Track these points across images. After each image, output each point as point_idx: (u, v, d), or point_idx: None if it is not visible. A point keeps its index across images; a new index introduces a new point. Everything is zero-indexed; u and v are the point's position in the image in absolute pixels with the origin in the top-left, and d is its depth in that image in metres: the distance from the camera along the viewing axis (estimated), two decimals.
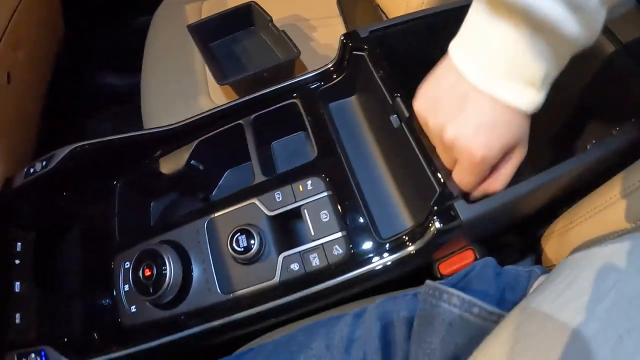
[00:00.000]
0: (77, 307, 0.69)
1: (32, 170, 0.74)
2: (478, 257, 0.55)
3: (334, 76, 0.71)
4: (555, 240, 0.61)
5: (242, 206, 0.62)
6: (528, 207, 0.59)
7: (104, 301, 0.66)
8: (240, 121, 0.70)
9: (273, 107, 0.70)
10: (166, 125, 0.73)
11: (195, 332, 0.58)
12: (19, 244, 0.72)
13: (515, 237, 0.74)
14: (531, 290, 0.47)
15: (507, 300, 0.46)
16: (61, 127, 1.22)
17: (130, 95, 1.25)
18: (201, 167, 0.71)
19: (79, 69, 1.49)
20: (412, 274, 0.57)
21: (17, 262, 0.70)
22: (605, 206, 0.50)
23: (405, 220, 0.60)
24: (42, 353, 0.62)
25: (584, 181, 0.57)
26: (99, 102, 1.58)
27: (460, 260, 0.56)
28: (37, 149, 1.02)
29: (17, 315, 0.66)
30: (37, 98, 1.13)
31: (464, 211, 0.48)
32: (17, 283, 0.68)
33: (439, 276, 0.56)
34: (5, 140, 0.86)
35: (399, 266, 0.53)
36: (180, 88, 0.95)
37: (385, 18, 1.06)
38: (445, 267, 0.56)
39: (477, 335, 0.41)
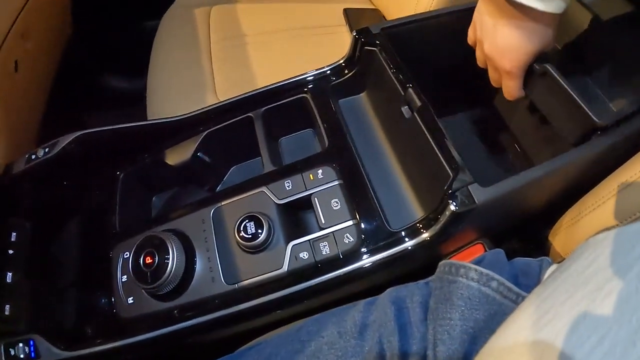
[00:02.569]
0: (71, 298, 0.68)
1: (33, 156, 0.74)
2: (487, 250, 0.56)
3: (345, 72, 0.73)
4: (563, 234, 0.62)
5: (250, 194, 0.63)
6: (539, 196, 0.61)
7: (100, 292, 0.65)
8: (250, 114, 0.71)
9: (283, 101, 0.72)
10: (174, 116, 0.74)
11: (196, 323, 0.58)
12: (14, 233, 0.71)
13: (522, 243, 0.74)
14: (545, 276, 0.48)
15: (521, 284, 0.47)
16: (63, 121, 1.24)
17: (135, 97, 1.26)
18: (208, 160, 0.72)
19: (85, 67, 1.52)
20: (421, 271, 0.57)
21: (10, 252, 0.69)
22: (614, 194, 0.52)
23: (415, 212, 0.61)
24: (31, 342, 0.61)
25: (592, 172, 0.58)
26: (103, 101, 1.60)
27: (470, 254, 0.57)
28: (39, 140, 1.03)
29: (7, 307, 0.65)
30: (42, 90, 1.17)
31: (479, 194, 0.49)
32: (10, 274, 0.67)
33: None
34: (9, 128, 0.88)
35: (412, 255, 0.54)
36: (187, 90, 0.96)
37: None
38: None
39: (497, 313, 0.42)
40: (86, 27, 1.45)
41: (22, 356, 0.60)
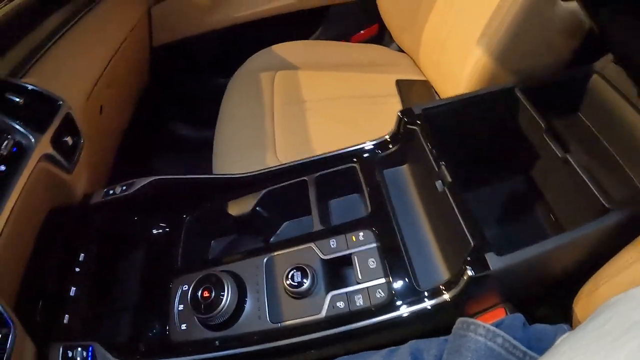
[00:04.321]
0: (128, 316, 0.80)
1: (111, 191, 0.90)
2: (508, 314, 0.64)
3: (390, 146, 0.85)
4: (584, 301, 0.67)
5: (300, 248, 0.74)
6: (555, 267, 0.69)
7: (156, 315, 0.77)
8: (305, 177, 0.83)
9: (335, 169, 0.84)
10: (239, 174, 0.87)
11: (239, 353, 0.68)
12: (83, 254, 0.84)
13: (547, 309, 0.82)
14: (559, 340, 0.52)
15: (533, 347, 0.54)
16: (134, 160, 1.39)
17: (200, 145, 1.40)
18: (265, 214, 0.84)
19: (158, 113, 1.69)
20: (446, 329, 0.64)
21: (77, 270, 0.82)
22: (631, 262, 0.58)
23: (442, 274, 0.70)
24: (90, 348, 0.71)
25: (607, 245, 0.65)
26: (171, 145, 1.78)
27: (492, 317, 0.65)
28: (110, 176, 1.20)
29: (66, 316, 0.76)
30: (119, 131, 1.34)
31: (494, 262, 0.59)
32: (74, 288, 0.80)
33: None
34: (90, 164, 1.03)
35: (434, 313, 0.63)
36: (250, 148, 1.10)
37: (438, 97, 1.22)
38: None
39: None
40: (162, 78, 1.63)
41: (78, 359, 0.71)
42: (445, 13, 1.17)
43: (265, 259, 0.74)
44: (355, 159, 0.83)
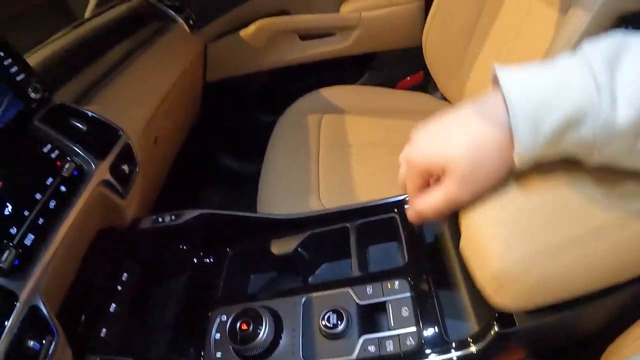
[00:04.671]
0: (164, 337, 0.85)
1: (160, 219, 0.97)
2: None
3: None
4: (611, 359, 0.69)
5: (337, 292, 0.78)
6: (583, 326, 0.71)
7: (192, 339, 0.81)
8: (346, 224, 0.88)
9: (375, 218, 0.88)
10: (284, 215, 0.92)
11: None
12: (126, 274, 0.90)
13: None
14: None
15: None
16: (180, 188, 1.47)
17: (245, 179, 1.47)
18: (306, 256, 0.89)
19: (206, 145, 1.78)
20: None
21: (119, 288, 0.88)
22: None
23: (473, 324, 0.72)
24: None
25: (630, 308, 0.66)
26: (216, 177, 1.87)
27: None
28: (157, 201, 1.27)
29: (104, 330, 0.82)
30: (170, 161, 1.43)
31: (522, 319, 0.61)
32: (114, 305, 0.86)
33: None
34: (141, 191, 1.11)
35: None
36: (294, 187, 1.16)
37: None
38: None
39: None
40: (212, 111, 1.71)
41: None
42: (492, 62, 1.18)
43: (304, 299, 0.78)
44: (396, 210, 0.87)
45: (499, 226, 0.55)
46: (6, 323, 0.65)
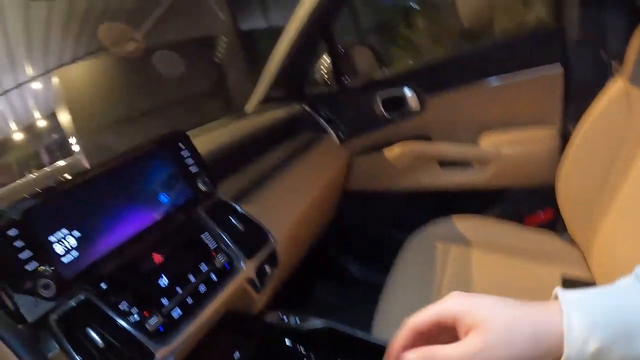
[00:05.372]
0: None
1: (286, 319, 1.07)
2: None
3: None
4: None
5: None
6: None
7: None
8: None
9: None
10: None
11: None
12: (237, 352, 1.01)
13: None
14: None
15: None
16: (300, 282, 1.61)
17: (369, 289, 1.52)
18: None
19: (333, 252, 1.90)
20: None
21: None
22: None
23: None
24: None
25: None
26: (335, 278, 2.03)
27: None
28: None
29: None
30: (300, 259, 1.59)
31: None
32: None
33: None
34: (274, 284, 1.23)
35: None
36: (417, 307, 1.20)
37: None
38: None
39: None
40: (345, 216, 1.83)
41: None
42: (628, 210, 1.11)
43: None
44: None
45: None
46: None
